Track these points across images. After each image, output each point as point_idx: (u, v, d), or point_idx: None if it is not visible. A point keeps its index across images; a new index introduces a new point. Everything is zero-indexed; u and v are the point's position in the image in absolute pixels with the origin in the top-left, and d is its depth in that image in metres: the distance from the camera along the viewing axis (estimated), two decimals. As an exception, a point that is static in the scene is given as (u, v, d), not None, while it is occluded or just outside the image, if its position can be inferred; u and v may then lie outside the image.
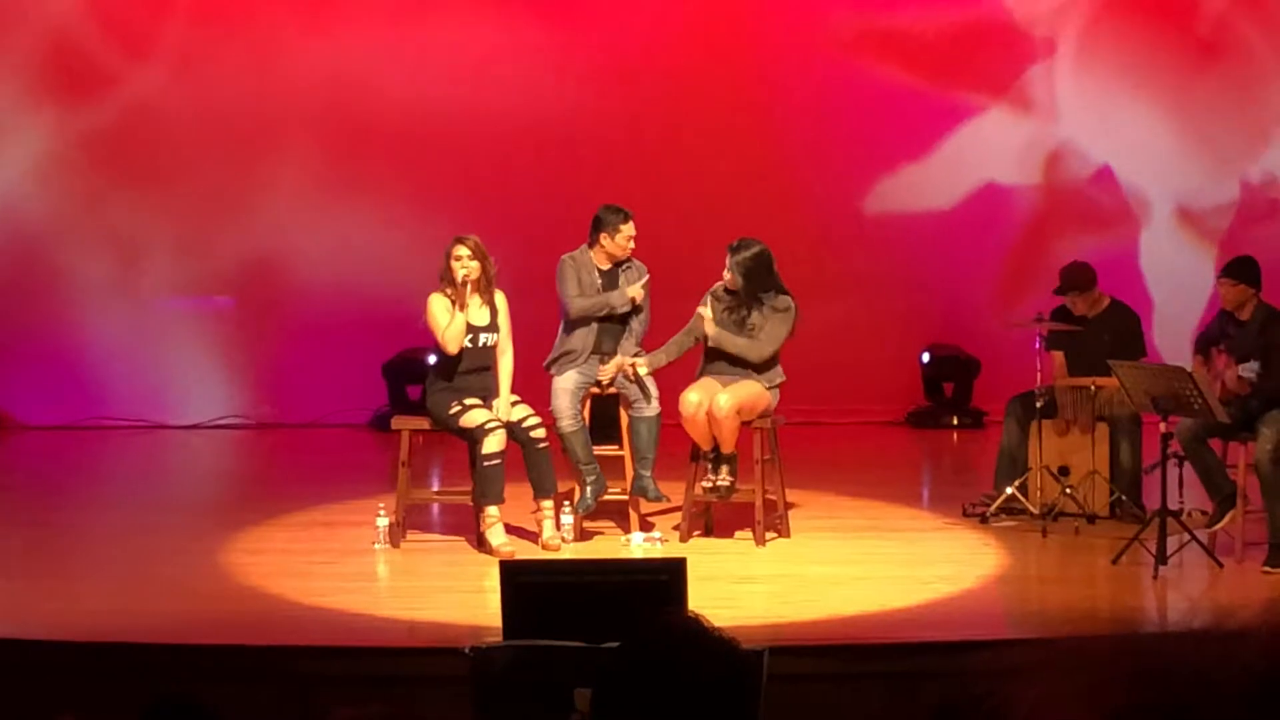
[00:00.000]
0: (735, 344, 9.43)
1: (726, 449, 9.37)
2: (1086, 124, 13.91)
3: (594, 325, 9.55)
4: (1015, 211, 13.92)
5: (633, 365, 9.43)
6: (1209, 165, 13.88)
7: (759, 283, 9.46)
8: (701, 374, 9.55)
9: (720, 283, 9.60)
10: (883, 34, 13.78)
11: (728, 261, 9.49)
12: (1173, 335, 12.85)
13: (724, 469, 9.39)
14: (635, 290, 9.53)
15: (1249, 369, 8.98)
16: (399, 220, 13.38)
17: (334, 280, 13.59)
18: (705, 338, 9.53)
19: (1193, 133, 13.84)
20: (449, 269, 9.25)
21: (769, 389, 9.47)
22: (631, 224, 9.57)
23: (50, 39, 13.54)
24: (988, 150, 13.85)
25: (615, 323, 9.60)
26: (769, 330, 9.46)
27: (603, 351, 9.57)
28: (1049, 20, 13.83)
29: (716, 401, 9.28)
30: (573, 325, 9.57)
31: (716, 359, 9.52)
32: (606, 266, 9.61)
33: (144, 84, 13.57)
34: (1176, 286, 13.62)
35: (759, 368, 9.46)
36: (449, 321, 9.21)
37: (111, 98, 13.58)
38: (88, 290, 13.69)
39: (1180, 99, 13.81)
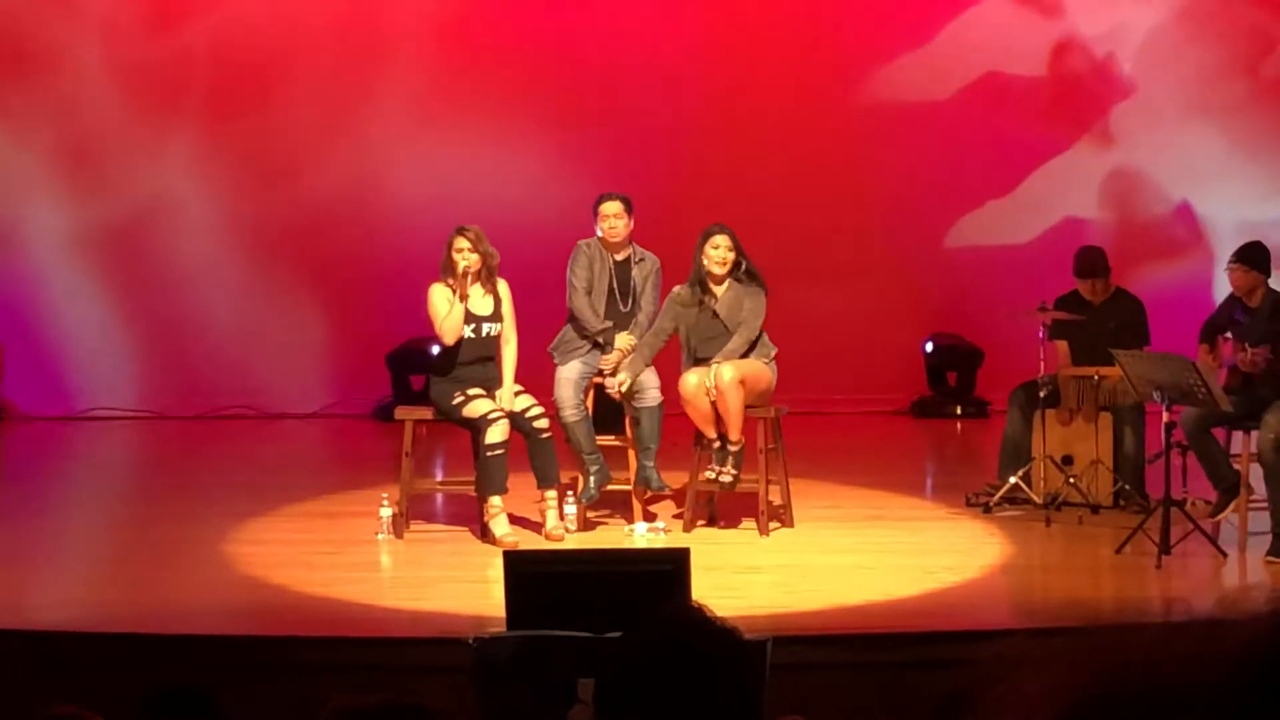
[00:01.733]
0: (733, 350, 9.34)
1: (734, 434, 9.27)
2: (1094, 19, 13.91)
3: (601, 315, 9.54)
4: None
5: (617, 386, 9.38)
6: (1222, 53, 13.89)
7: (747, 260, 9.43)
8: (692, 364, 9.45)
9: (679, 286, 9.51)
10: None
11: (722, 242, 9.36)
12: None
13: (730, 460, 9.32)
14: (625, 341, 9.50)
15: (1261, 352, 8.96)
16: (402, 210, 13.37)
17: (337, 271, 13.59)
18: (679, 331, 9.47)
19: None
20: (450, 260, 9.26)
21: (767, 363, 9.44)
22: (610, 204, 9.54)
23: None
24: (1066, 187, 13.85)
25: (622, 314, 9.58)
26: (751, 306, 9.40)
27: (609, 340, 9.56)
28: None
29: (720, 374, 9.21)
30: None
31: (702, 361, 9.43)
32: (619, 257, 9.59)
33: (141, 48, 13.58)
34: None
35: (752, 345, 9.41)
36: (447, 312, 9.22)
37: (71, 71, 13.59)
38: (87, 280, 13.69)
39: (1257, 134, 13.80)
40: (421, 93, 13.64)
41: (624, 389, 9.40)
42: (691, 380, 9.30)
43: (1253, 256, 9.43)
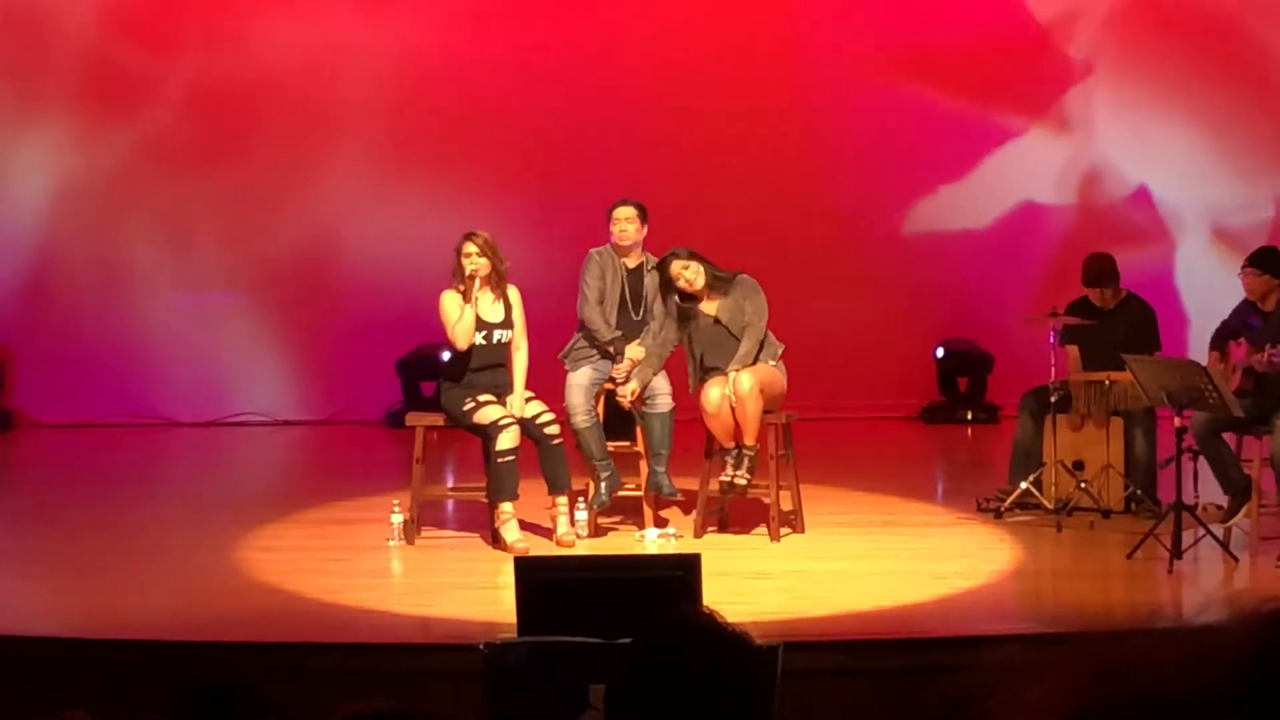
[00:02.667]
0: (746, 354, 9.34)
1: (750, 438, 9.27)
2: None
3: (612, 324, 9.53)
4: (1049, 227, 13.92)
5: (628, 394, 9.38)
6: (1244, 183, 13.84)
7: (712, 266, 9.41)
8: (705, 377, 9.44)
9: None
10: (904, 46, 13.78)
11: (681, 271, 9.34)
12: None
13: (745, 463, 9.31)
14: (635, 351, 9.50)
15: (1279, 353, 8.96)
16: (413, 218, 13.38)
17: (347, 277, 13.61)
18: (683, 342, 9.47)
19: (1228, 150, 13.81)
20: (459, 266, 9.27)
21: (776, 365, 9.45)
22: (622, 208, 9.55)
23: (71, 41, 13.57)
24: (1024, 171, 13.85)
25: (633, 322, 9.58)
26: (753, 308, 9.40)
27: (619, 350, 9.55)
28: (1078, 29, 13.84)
29: (739, 382, 9.21)
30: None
31: (711, 371, 9.42)
32: (631, 264, 9.60)
33: (150, 86, 13.59)
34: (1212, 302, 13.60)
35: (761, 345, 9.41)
36: (459, 317, 9.23)
37: (121, 100, 13.61)
38: (101, 289, 13.71)
39: (1215, 118, 13.77)
40: (438, 89, 13.66)
41: (633, 397, 9.41)
42: (714, 395, 9.27)
43: (1267, 260, 9.43)
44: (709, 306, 9.44)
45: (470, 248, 9.25)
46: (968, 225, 13.88)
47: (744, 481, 9.32)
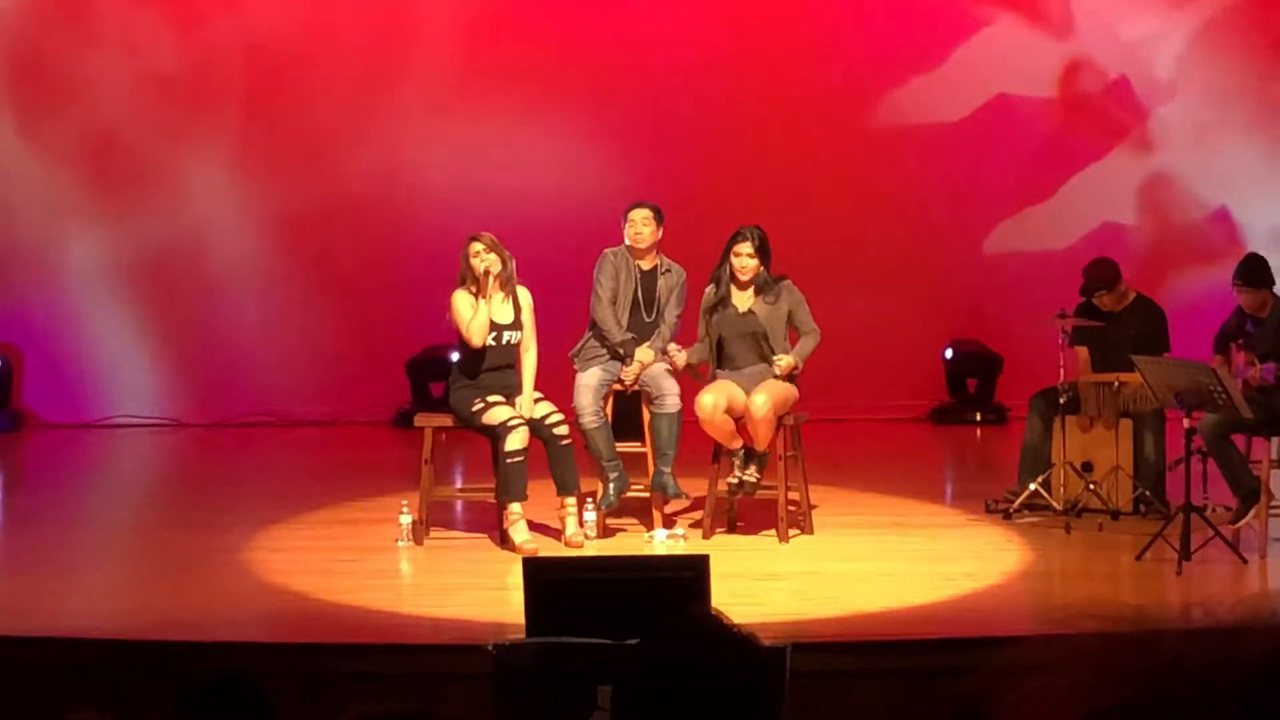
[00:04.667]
0: (801, 352, 9.39)
1: (761, 446, 9.32)
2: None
3: (624, 325, 9.54)
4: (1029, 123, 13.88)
5: (682, 364, 9.40)
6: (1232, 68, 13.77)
7: (766, 261, 9.42)
8: (715, 375, 9.46)
9: (707, 290, 9.50)
10: None
11: (744, 250, 9.35)
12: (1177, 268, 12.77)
13: (753, 465, 9.35)
14: (646, 354, 9.51)
15: (1270, 368, 8.98)
16: (423, 217, 13.38)
17: (355, 277, 13.61)
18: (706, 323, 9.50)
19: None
20: (468, 267, 9.28)
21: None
22: (637, 211, 9.57)
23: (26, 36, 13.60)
24: (1000, 63, 13.76)
25: (645, 324, 9.58)
26: (800, 315, 9.43)
27: (629, 352, 9.54)
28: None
29: (754, 402, 9.21)
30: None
31: (730, 359, 9.45)
32: (645, 266, 9.60)
33: (160, 59, 13.62)
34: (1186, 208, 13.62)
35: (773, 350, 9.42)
36: (473, 315, 9.23)
37: (126, 85, 13.63)
38: (107, 288, 13.71)
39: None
40: (447, 90, 13.64)
41: (682, 365, 9.39)
42: (707, 402, 9.25)
43: (1253, 274, 9.47)
44: (742, 298, 9.44)
45: (477, 246, 9.27)
46: (941, 119, 13.79)
47: (753, 480, 9.35)
